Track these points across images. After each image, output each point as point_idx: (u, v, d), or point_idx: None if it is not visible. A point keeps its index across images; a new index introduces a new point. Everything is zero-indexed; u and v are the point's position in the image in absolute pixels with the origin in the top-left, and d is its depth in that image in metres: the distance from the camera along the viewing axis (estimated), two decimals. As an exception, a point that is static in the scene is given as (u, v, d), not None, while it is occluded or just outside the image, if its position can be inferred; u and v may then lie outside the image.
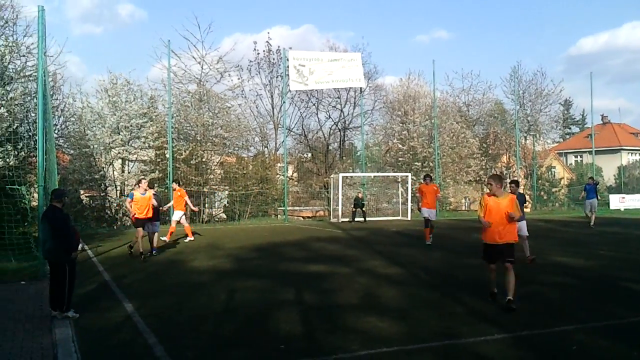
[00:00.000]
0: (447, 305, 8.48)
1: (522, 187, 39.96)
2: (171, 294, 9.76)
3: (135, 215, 14.40)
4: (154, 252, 14.89)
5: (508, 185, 12.30)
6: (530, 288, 9.76)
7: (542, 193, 40.92)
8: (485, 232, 8.73)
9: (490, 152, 40.55)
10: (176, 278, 11.48)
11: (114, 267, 12.93)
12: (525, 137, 41.93)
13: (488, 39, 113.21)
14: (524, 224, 12.55)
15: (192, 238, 18.32)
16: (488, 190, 8.87)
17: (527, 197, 41.10)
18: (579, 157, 62.83)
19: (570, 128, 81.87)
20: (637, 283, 10.40)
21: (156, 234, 15.23)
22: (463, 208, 42.31)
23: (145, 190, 14.46)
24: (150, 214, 14.58)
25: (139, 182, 14.88)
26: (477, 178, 38.83)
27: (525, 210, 13.72)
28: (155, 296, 9.54)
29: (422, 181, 19.25)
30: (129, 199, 14.69)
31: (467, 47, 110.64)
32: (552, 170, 49.74)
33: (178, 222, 18.25)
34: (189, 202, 18.38)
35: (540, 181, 40.86)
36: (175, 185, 18.98)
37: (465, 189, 39.22)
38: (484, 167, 39.00)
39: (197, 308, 8.57)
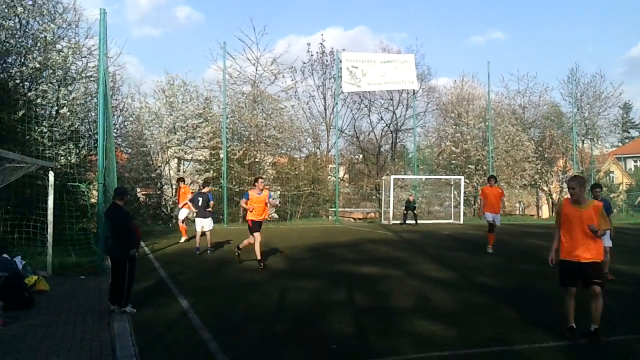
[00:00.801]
0: (500, 311, 8.37)
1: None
2: (225, 291, 9.94)
3: (250, 218, 13.03)
4: (208, 250, 15.24)
5: (590, 189, 11.17)
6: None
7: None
8: (562, 246, 7.09)
9: (546, 155, 39.66)
10: (230, 276, 11.68)
11: (169, 264, 13.24)
12: (583, 141, 40.88)
13: (545, 40, 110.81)
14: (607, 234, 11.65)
15: (186, 238, 17.92)
16: (568, 195, 7.16)
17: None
18: (638, 161, 60.89)
19: (629, 132, 79.36)
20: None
21: (209, 231, 15.44)
22: (517, 212, 41.57)
23: (262, 190, 13.06)
24: (265, 216, 13.71)
25: (256, 180, 13.34)
26: (532, 182, 38.09)
27: None
28: (210, 293, 9.74)
29: (486, 183, 18.44)
30: (244, 199, 13.20)
31: (523, 49, 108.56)
32: (610, 175, 48.35)
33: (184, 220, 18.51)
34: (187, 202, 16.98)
35: (598, 186, 39.69)
36: (181, 183, 19.04)
37: (520, 193, 38.48)
38: (539, 170, 38.21)
39: (250, 306, 8.70)
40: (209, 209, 15.64)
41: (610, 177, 47.81)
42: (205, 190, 15.99)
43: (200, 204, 15.41)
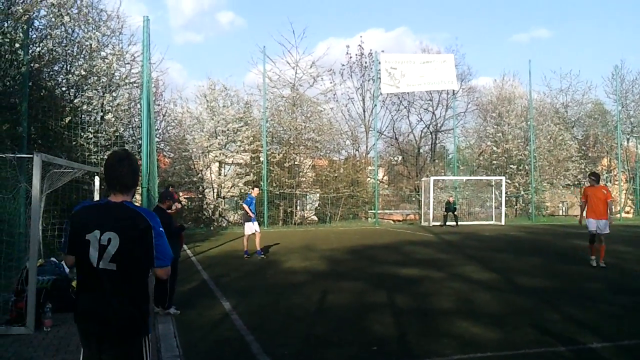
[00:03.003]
0: (544, 312, 8.28)
1: (624, 191, 38.27)
2: (267, 293, 10.06)
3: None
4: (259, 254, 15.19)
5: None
6: (634, 296, 9.38)
7: (646, 197, 38.89)
8: None
9: (589, 155, 38.98)
10: (271, 278, 11.81)
11: (211, 266, 13.47)
12: (628, 139, 39.97)
13: (589, 37, 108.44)
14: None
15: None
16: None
17: (630, 202, 39.18)
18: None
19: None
20: None
21: (257, 234, 15.34)
22: (560, 213, 40.86)
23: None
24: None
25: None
26: (576, 182, 37.42)
27: (626, 215, 13.15)
28: (252, 295, 9.87)
29: (587, 183, 15.81)
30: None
31: (566, 46, 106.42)
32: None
33: None
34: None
35: (643, 185, 38.85)
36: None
37: (563, 193, 37.84)
38: (582, 170, 37.52)
39: (291, 307, 8.80)
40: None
41: (656, 176, 46.55)
42: (255, 193, 15.81)
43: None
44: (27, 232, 8.73)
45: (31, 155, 7.44)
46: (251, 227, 15.21)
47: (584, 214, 13.42)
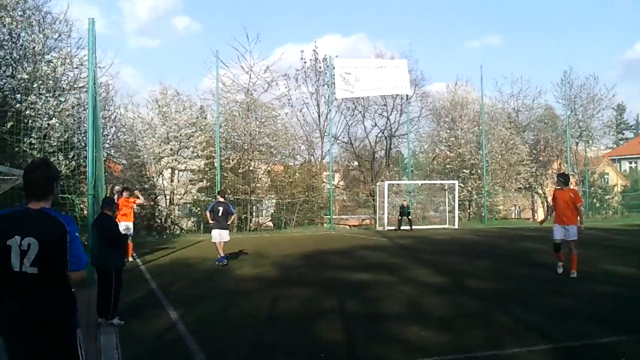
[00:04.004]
0: (493, 315, 8.30)
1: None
2: (215, 301, 9.85)
3: None
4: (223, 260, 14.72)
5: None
6: (580, 297, 9.52)
7: (595, 200, 39.87)
8: None
9: (540, 158, 39.79)
10: (221, 286, 11.59)
11: (160, 275, 13.15)
12: (577, 143, 41.03)
13: (539, 43, 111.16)
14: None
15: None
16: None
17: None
18: (633, 163, 61.04)
19: (623, 133, 79.63)
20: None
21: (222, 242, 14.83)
22: (513, 216, 41.58)
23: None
24: None
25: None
26: (527, 185, 38.14)
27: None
28: (200, 303, 9.65)
29: (555, 185, 14.30)
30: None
31: (517, 52, 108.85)
32: (605, 176, 48.48)
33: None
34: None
35: (592, 188, 39.83)
36: (125, 193, 15.97)
37: (515, 196, 38.51)
38: (534, 173, 38.28)
39: (240, 315, 8.62)
40: (229, 222, 15.19)
41: (605, 179, 47.91)
42: (222, 199, 15.27)
43: (220, 214, 14.77)
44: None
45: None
46: (220, 235, 14.76)
47: (552, 217, 12.44)
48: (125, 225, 14.89)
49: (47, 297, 3.28)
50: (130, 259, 15.19)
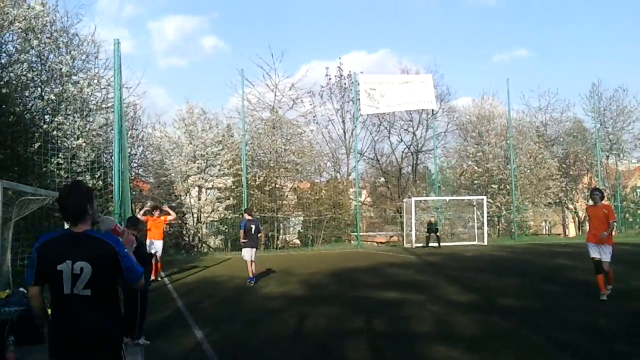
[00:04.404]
0: (523, 334, 8.09)
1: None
2: (242, 320, 9.77)
3: None
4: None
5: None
6: (614, 316, 9.23)
7: (627, 215, 39.01)
8: None
9: (570, 173, 39.12)
10: (247, 304, 11.52)
11: (188, 293, 13.14)
12: (608, 157, 40.23)
13: (567, 55, 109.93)
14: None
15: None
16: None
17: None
18: (667, 176, 59.71)
19: (657, 146, 77.88)
20: None
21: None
22: (544, 232, 40.91)
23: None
24: None
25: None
26: (557, 200, 37.52)
27: None
28: (226, 322, 9.58)
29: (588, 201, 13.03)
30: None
31: (545, 65, 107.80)
32: (637, 190, 47.45)
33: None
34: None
35: (624, 202, 39.00)
36: (156, 213, 15.88)
37: (545, 211, 37.89)
38: (564, 188, 37.65)
39: (266, 334, 8.53)
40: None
41: (637, 193, 46.89)
42: (250, 217, 15.13)
43: (252, 232, 14.64)
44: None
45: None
46: (250, 253, 14.57)
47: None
48: (154, 243, 14.99)
49: (97, 315, 3.41)
50: (159, 277, 15.19)
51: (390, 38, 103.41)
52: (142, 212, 15.79)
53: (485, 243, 29.32)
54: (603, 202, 11.51)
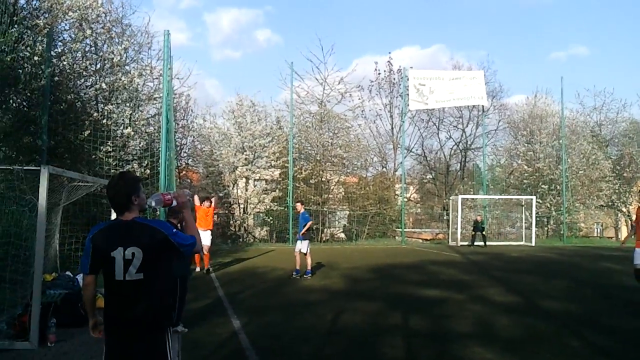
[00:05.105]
0: (564, 338, 7.89)
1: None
2: (279, 311, 9.83)
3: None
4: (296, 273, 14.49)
5: None
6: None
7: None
8: None
9: (624, 175, 37.92)
10: (287, 296, 11.58)
11: (229, 282, 13.30)
12: (664, 159, 38.88)
13: (625, 53, 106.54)
14: None
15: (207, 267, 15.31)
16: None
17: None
18: None
19: None
20: None
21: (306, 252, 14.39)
22: (595, 234, 39.84)
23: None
24: None
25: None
26: (610, 203, 36.46)
27: None
28: (264, 313, 9.64)
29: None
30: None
31: (602, 64, 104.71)
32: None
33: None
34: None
35: (682, 207, 37.57)
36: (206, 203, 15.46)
37: (597, 214, 36.87)
38: (617, 190, 36.54)
39: (303, 327, 8.56)
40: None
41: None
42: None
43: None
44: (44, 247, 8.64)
45: (38, 168, 7.37)
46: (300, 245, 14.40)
47: (633, 238, 10.48)
48: (202, 233, 14.93)
49: (150, 301, 3.54)
50: (210, 268, 15.15)
51: (444, 33, 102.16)
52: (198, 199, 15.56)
53: (533, 244, 28.75)
54: None
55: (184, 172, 28.92)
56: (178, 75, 24.46)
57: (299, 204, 14.94)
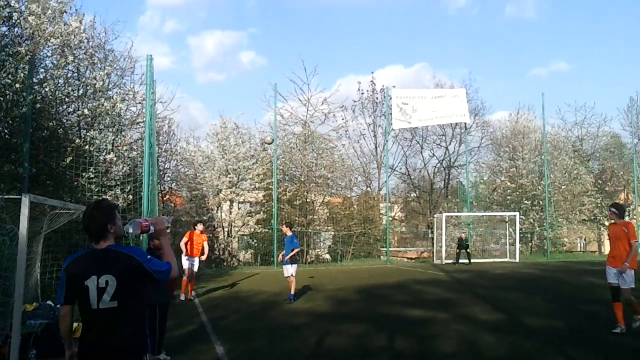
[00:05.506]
0: (547, 356, 7.94)
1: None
2: (264, 336, 9.78)
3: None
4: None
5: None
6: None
7: (665, 234, 38.02)
8: None
9: (606, 189, 38.33)
10: (272, 320, 11.53)
11: (213, 308, 13.22)
12: (645, 173, 39.37)
13: (606, 69, 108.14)
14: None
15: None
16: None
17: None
18: None
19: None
20: None
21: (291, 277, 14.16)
22: (578, 249, 40.12)
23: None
24: None
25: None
26: (592, 217, 36.79)
27: None
28: (249, 338, 9.60)
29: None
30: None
31: (583, 79, 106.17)
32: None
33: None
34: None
35: (662, 220, 38.04)
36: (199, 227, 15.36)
37: (579, 228, 37.15)
38: (599, 205, 36.88)
39: (287, 351, 8.53)
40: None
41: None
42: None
43: None
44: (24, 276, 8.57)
45: (19, 197, 7.34)
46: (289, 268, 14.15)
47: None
48: (191, 259, 14.72)
49: (123, 329, 3.53)
50: (191, 296, 14.78)
51: (427, 52, 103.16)
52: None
53: (517, 260, 28.88)
54: (624, 219, 10.28)
55: (167, 197, 28.84)
56: (161, 99, 24.58)
57: (286, 227, 14.66)
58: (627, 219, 37.42)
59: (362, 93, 38.32)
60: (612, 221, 10.00)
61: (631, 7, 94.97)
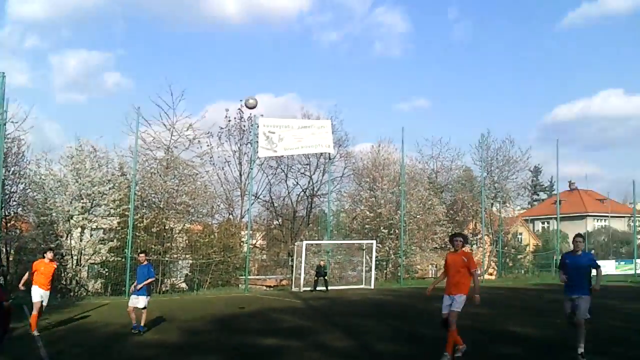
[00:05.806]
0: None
1: (487, 254, 40.26)
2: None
3: None
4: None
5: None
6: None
7: (508, 260, 40.98)
8: None
9: (457, 219, 40.69)
10: (117, 354, 10.93)
11: (55, 341, 12.27)
12: (492, 204, 42.27)
13: (462, 106, 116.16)
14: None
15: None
16: None
17: (493, 264, 41.03)
18: (545, 223, 63.57)
19: (539, 194, 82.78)
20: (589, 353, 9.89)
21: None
22: (430, 275, 42.06)
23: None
24: None
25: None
26: (443, 245, 38.81)
27: (489, 277, 11.22)
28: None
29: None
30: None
31: (442, 115, 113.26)
32: (519, 236, 50.14)
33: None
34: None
35: (506, 248, 40.96)
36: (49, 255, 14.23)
37: (431, 256, 39.00)
38: (449, 233, 38.89)
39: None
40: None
41: (518, 239, 49.48)
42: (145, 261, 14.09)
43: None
44: None
45: None
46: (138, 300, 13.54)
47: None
48: (41, 292, 13.57)
49: None
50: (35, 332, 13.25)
51: (297, 83, 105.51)
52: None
53: (372, 287, 29.67)
54: (464, 249, 10.31)
55: (12, 222, 26.85)
56: (12, 119, 23.00)
57: (142, 255, 14.22)
58: (474, 247, 40.19)
59: (230, 120, 38.10)
60: (453, 250, 9.96)
61: (490, 54, 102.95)
